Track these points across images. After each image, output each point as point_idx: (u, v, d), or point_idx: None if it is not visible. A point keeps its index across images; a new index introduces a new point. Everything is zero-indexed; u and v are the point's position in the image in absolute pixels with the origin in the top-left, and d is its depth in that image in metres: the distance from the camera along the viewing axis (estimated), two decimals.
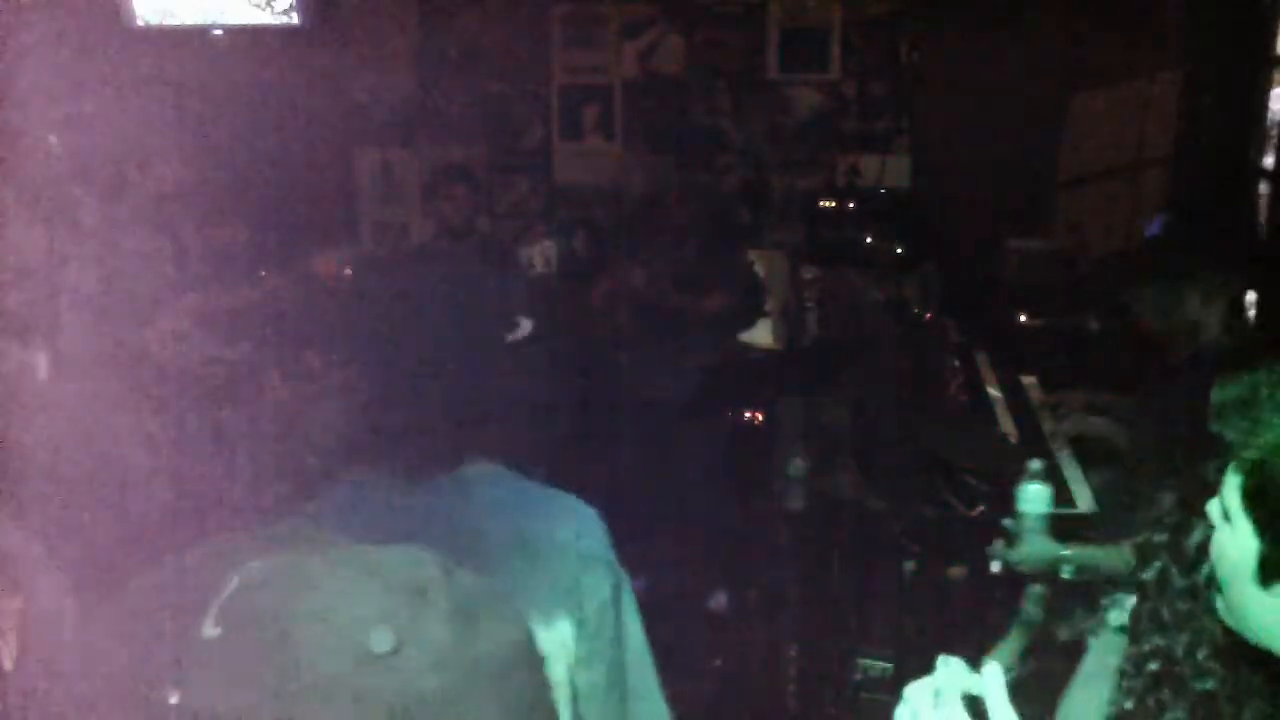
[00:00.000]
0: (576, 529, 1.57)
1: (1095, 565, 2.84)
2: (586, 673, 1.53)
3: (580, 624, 1.52)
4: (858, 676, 3.94)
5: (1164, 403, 3.66)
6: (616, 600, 1.58)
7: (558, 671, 1.48)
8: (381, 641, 0.78)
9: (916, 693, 1.14)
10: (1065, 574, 2.85)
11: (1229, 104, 4.82)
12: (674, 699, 1.68)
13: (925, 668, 1.18)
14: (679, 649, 4.20)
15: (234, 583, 0.82)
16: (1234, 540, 1.16)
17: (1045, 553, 2.86)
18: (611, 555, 1.60)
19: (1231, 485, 1.16)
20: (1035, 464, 2.84)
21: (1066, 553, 2.85)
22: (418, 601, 0.82)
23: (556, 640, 1.49)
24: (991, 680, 1.13)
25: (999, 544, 2.88)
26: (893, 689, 3.94)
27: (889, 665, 4.00)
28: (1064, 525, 3.60)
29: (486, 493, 1.57)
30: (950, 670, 1.14)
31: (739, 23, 5.77)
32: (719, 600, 4.78)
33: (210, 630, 0.79)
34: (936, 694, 1.13)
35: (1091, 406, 4.18)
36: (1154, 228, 3.11)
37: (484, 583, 0.92)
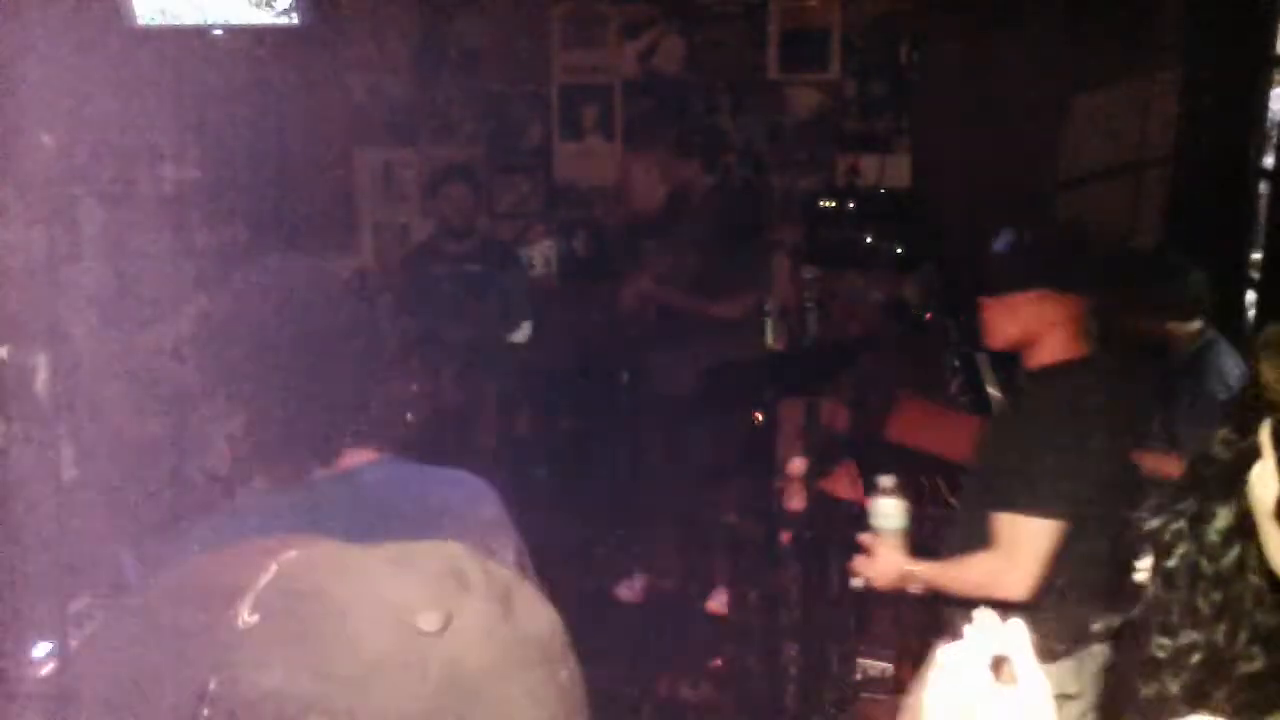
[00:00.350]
0: (470, 497, 1.62)
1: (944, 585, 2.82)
2: None
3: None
4: (858, 676, 3.94)
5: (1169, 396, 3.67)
6: (520, 564, 1.62)
7: None
8: (430, 621, 0.79)
9: (946, 655, 1.14)
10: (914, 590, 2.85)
11: (1229, 104, 4.81)
12: (674, 699, 1.69)
13: (925, 668, 1.18)
14: (679, 649, 4.21)
15: (272, 570, 0.83)
16: (1262, 479, 1.17)
17: (896, 570, 2.83)
18: (509, 519, 1.64)
19: (1266, 425, 1.17)
20: (886, 479, 2.83)
21: (917, 569, 2.84)
22: (458, 585, 0.83)
23: None
24: (1015, 637, 1.13)
25: (857, 560, 2.86)
26: (893, 689, 3.95)
27: (889, 665, 4.00)
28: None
29: (372, 479, 1.59)
30: (978, 628, 1.14)
31: (739, 23, 5.77)
32: (719, 599, 4.78)
33: (248, 618, 0.79)
34: (962, 658, 1.14)
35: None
36: (1000, 244, 3.11)
37: (513, 572, 0.93)
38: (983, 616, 1.15)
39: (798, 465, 3.87)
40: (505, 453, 5.04)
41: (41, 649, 2.77)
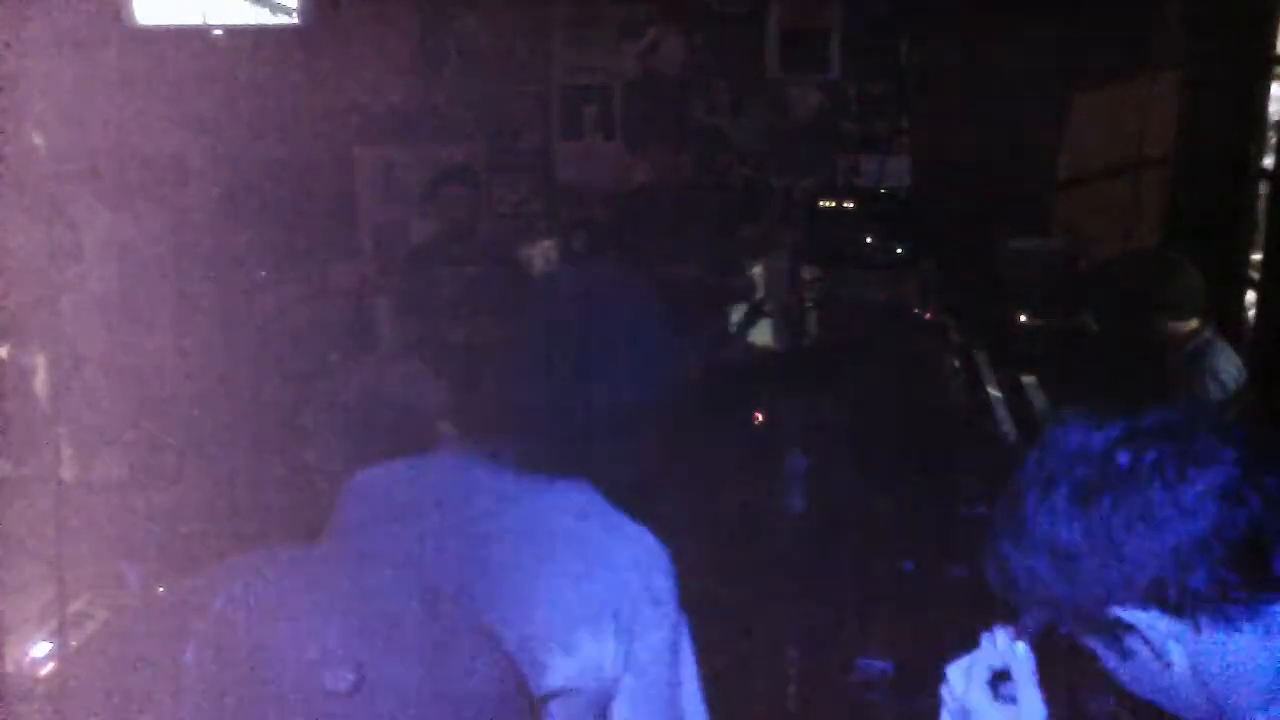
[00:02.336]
0: (645, 558, 1.54)
1: None
2: (631, 710, 1.50)
3: (629, 656, 1.48)
4: (858, 676, 3.94)
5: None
6: (674, 644, 1.55)
7: (581, 700, 1.46)
8: (338, 681, 0.76)
9: (953, 671, 1.15)
10: None
11: (1229, 104, 4.81)
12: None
13: (925, 667, 1.19)
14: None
15: (216, 607, 0.81)
16: None
17: None
18: (673, 596, 1.55)
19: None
20: None
21: None
22: (388, 636, 0.79)
23: (576, 666, 1.45)
24: (1019, 658, 1.14)
25: None
26: (893, 689, 3.95)
27: (889, 665, 4.00)
28: None
29: (568, 499, 1.55)
30: (986, 646, 1.15)
31: (739, 23, 5.77)
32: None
33: (188, 657, 0.78)
34: (968, 671, 1.14)
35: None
36: None
37: (469, 616, 0.90)
38: (997, 634, 1.16)
39: (797, 465, 3.87)
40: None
41: (41, 649, 2.78)
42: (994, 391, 4.29)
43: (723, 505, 4.64)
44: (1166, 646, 1.12)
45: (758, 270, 5.27)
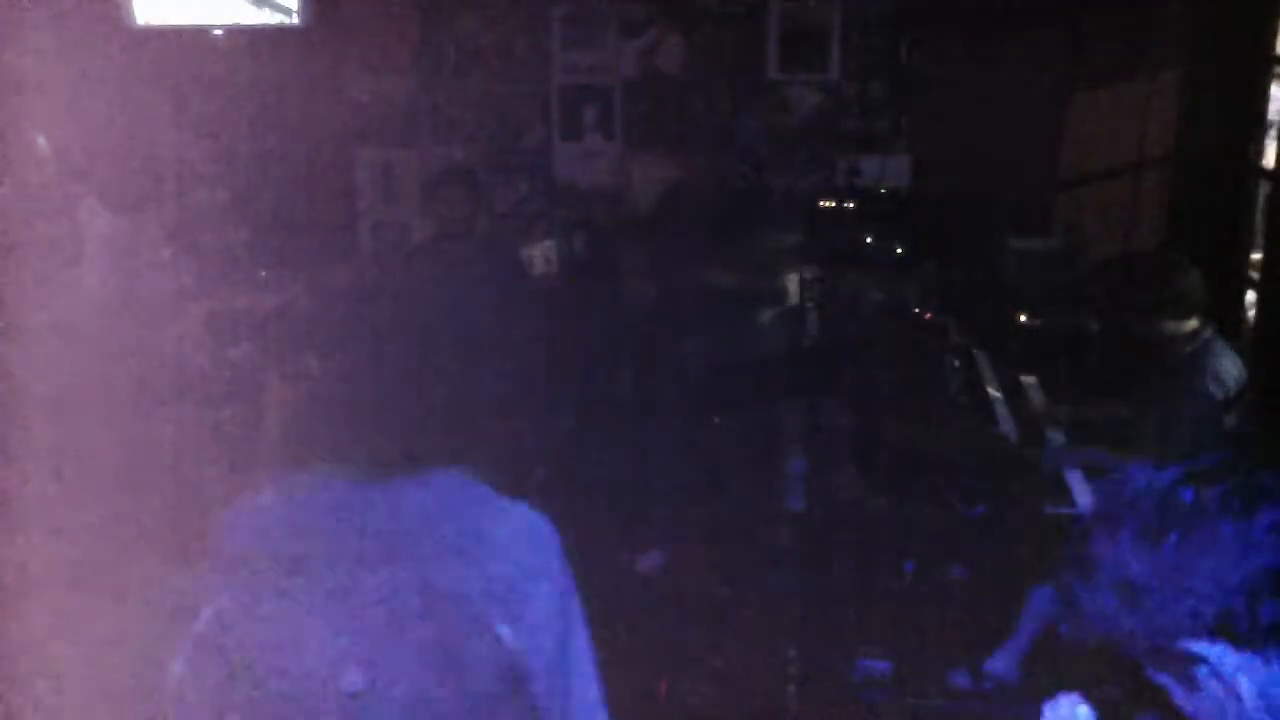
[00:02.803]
0: (521, 537, 1.58)
1: None
2: (534, 681, 1.53)
3: (523, 632, 1.52)
4: (858, 676, 3.94)
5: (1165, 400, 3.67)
6: (563, 610, 1.58)
7: (499, 670, 1.48)
8: (353, 683, 0.76)
9: None
10: None
11: (1229, 104, 4.81)
12: (675, 698, 1.70)
13: (925, 668, 1.20)
14: (678, 648, 4.21)
15: (205, 617, 0.80)
16: None
17: None
18: (560, 567, 1.60)
19: None
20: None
21: None
22: (394, 636, 0.79)
23: (493, 640, 1.48)
24: None
25: None
26: (893, 689, 3.95)
27: (889, 665, 4.00)
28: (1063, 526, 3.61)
29: (437, 494, 1.57)
30: (1047, 715, 1.15)
31: (739, 23, 5.77)
32: (651, 561, 4.81)
33: (180, 668, 0.78)
34: None
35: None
36: None
37: (466, 611, 0.90)
38: (1060, 701, 1.16)
39: (797, 465, 3.87)
40: (505, 453, 5.04)
41: (44, 649, 2.78)
42: (994, 391, 4.29)
43: (723, 505, 4.64)
44: (1236, 679, 1.13)
45: (792, 276, 5.26)
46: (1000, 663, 4.06)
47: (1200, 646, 1.14)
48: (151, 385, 3.62)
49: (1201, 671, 1.15)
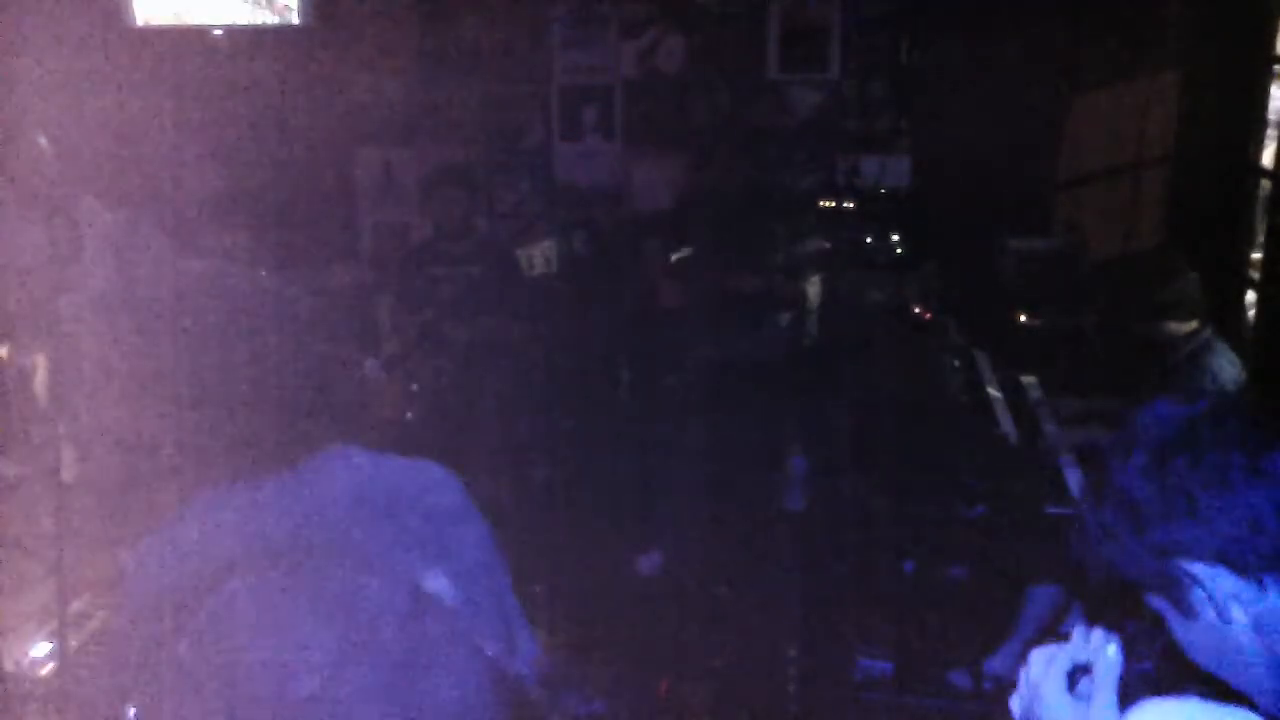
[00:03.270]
0: (431, 489, 1.60)
1: None
2: (472, 623, 1.55)
3: (455, 576, 1.54)
4: (858, 676, 3.94)
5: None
6: (487, 549, 1.62)
7: (440, 625, 1.50)
8: (304, 686, 0.77)
9: (1036, 655, 1.22)
10: None
11: (1229, 104, 4.81)
12: (675, 698, 1.70)
13: (925, 668, 1.21)
14: (678, 648, 4.21)
15: (210, 602, 0.82)
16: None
17: None
18: (473, 509, 1.63)
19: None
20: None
21: None
22: (365, 638, 0.80)
23: (432, 596, 1.51)
24: (1108, 660, 1.18)
25: None
26: (893, 689, 3.95)
27: (889, 665, 4.00)
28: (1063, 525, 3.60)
29: (338, 475, 1.58)
30: (1076, 640, 1.18)
31: (739, 23, 5.77)
32: (651, 561, 4.83)
33: (183, 649, 0.79)
34: (1051, 658, 1.20)
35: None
36: None
37: (399, 568, 0.91)
38: (1092, 632, 1.19)
39: (798, 465, 3.87)
40: (505, 453, 5.04)
41: (41, 649, 2.78)
42: (994, 391, 4.29)
43: (723, 505, 4.65)
44: (1228, 604, 1.16)
45: (814, 280, 5.27)
46: (1000, 663, 4.06)
47: (1198, 569, 1.17)
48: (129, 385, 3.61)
49: (1197, 596, 1.18)
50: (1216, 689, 1.22)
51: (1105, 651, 1.21)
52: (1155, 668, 1.29)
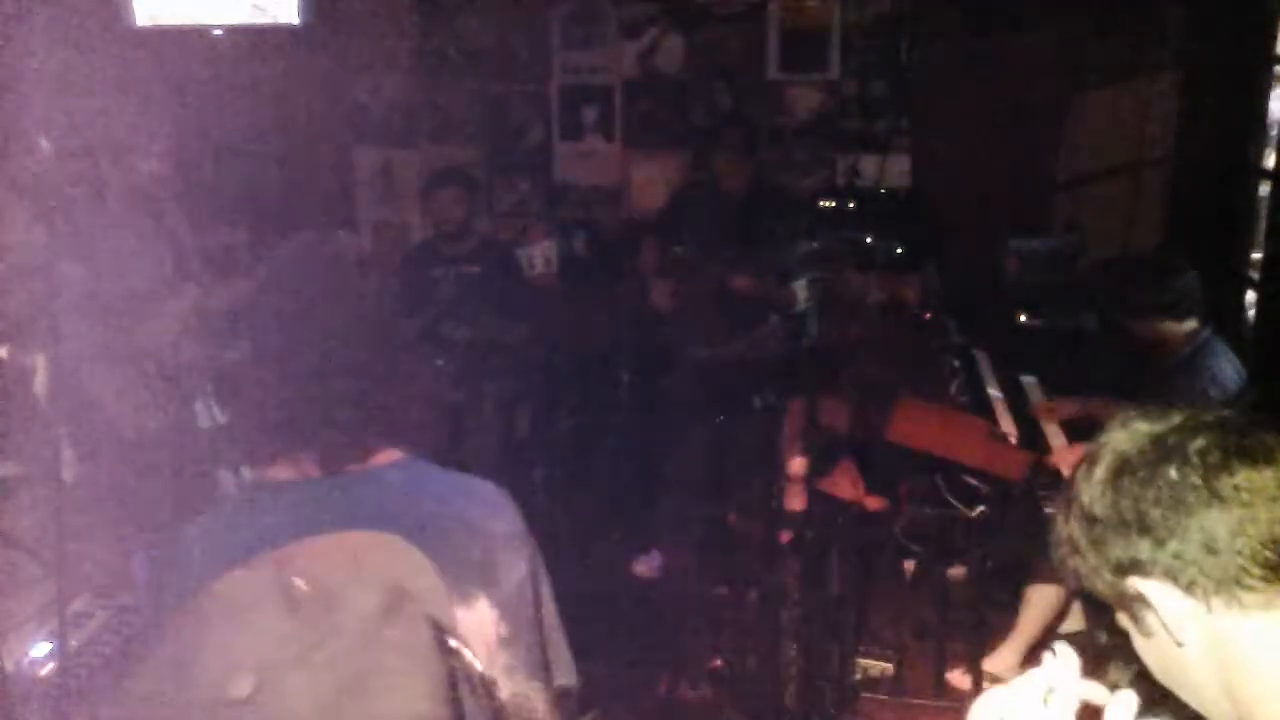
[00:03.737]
0: (488, 509, 1.58)
1: None
2: (510, 650, 1.54)
3: (500, 604, 1.53)
4: (858, 676, 3.94)
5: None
6: (534, 577, 1.60)
7: (479, 648, 1.49)
8: (240, 686, 0.76)
9: (1024, 683, 1.14)
10: None
11: (1229, 104, 4.81)
12: (674, 698, 1.69)
13: (925, 668, 1.19)
14: (679, 649, 4.21)
15: (192, 600, 0.81)
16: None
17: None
18: (524, 533, 1.61)
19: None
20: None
21: None
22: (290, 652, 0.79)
23: (475, 621, 1.49)
24: (1121, 705, 1.12)
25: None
26: (893, 689, 3.95)
27: (889, 665, 4.00)
28: None
29: (396, 480, 1.57)
30: (1065, 668, 1.15)
31: (739, 23, 5.77)
32: (650, 562, 4.84)
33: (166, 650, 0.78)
34: (1049, 691, 1.13)
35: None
36: None
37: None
38: (1064, 657, 1.16)
39: (798, 465, 3.86)
40: (505, 453, 5.04)
41: (41, 649, 2.78)
42: (994, 391, 4.29)
43: (722, 505, 4.64)
44: (1181, 625, 1.15)
45: (800, 283, 5.27)
46: (1000, 662, 4.06)
47: (1151, 588, 1.16)
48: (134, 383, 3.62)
49: (1150, 615, 1.17)
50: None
51: (1065, 666, 1.18)
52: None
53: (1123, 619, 1.23)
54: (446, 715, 0.84)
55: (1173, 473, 1.14)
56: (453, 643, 0.95)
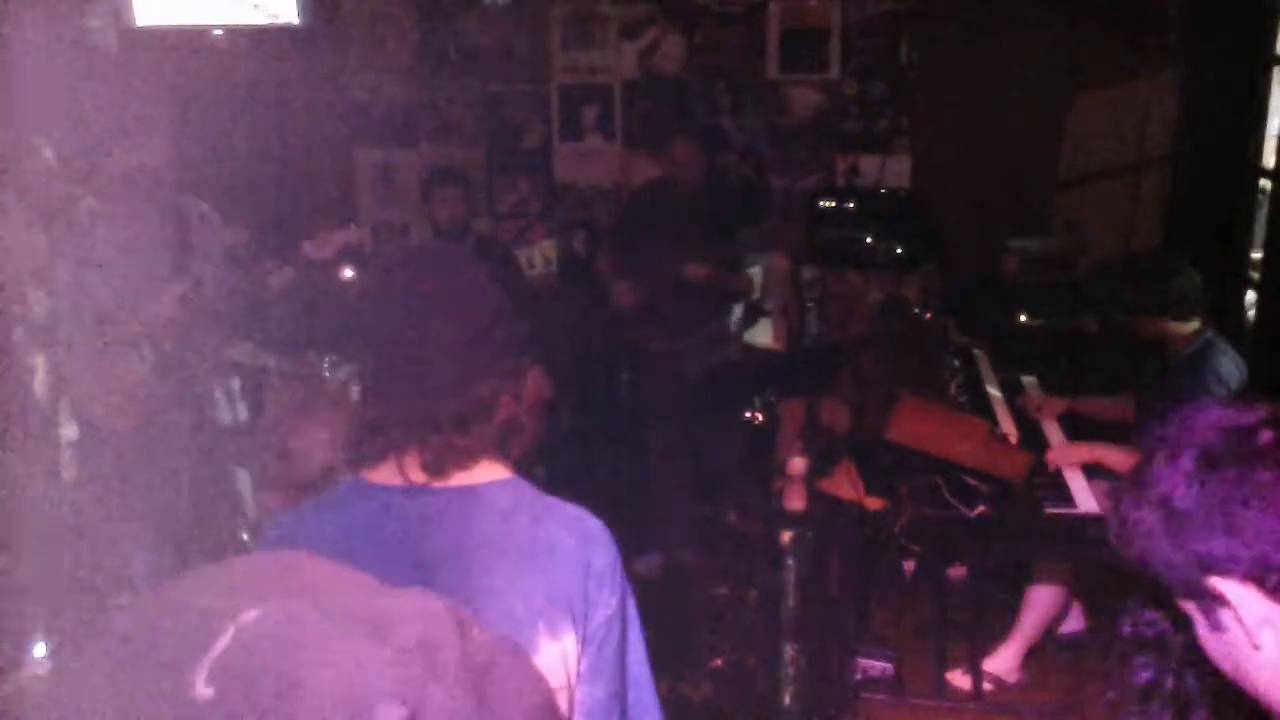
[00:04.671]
0: (584, 540, 1.54)
1: None
2: (590, 688, 1.51)
3: (585, 639, 1.50)
4: (858, 676, 3.94)
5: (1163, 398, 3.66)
6: (622, 615, 1.56)
7: (558, 680, 1.47)
8: (388, 717, 0.72)
9: None
10: None
11: (1229, 104, 4.81)
12: (675, 698, 1.69)
13: (925, 668, 1.18)
14: (678, 649, 4.21)
15: (229, 634, 0.76)
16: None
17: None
18: (619, 569, 1.56)
19: None
20: None
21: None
22: (426, 668, 0.76)
23: (558, 653, 1.47)
24: None
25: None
26: (893, 689, 3.95)
27: (889, 665, 4.00)
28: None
29: (494, 500, 1.53)
30: None
31: (739, 23, 5.77)
32: (650, 564, 4.84)
33: (203, 690, 0.73)
34: None
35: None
36: None
37: (502, 640, 0.85)
38: None
39: (798, 465, 3.86)
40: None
41: (41, 649, 2.78)
42: (994, 391, 4.29)
43: (723, 504, 4.64)
44: (1259, 628, 1.12)
45: (755, 270, 5.29)
46: (1000, 663, 4.06)
47: (1229, 587, 1.13)
48: (162, 390, 3.62)
49: (1226, 613, 1.15)
50: (1231, 696, 1.20)
51: None
52: (1173, 675, 1.26)
53: (1189, 609, 1.20)
54: None
55: (1266, 475, 1.11)
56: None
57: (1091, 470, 3.70)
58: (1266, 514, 1.11)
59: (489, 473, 1.55)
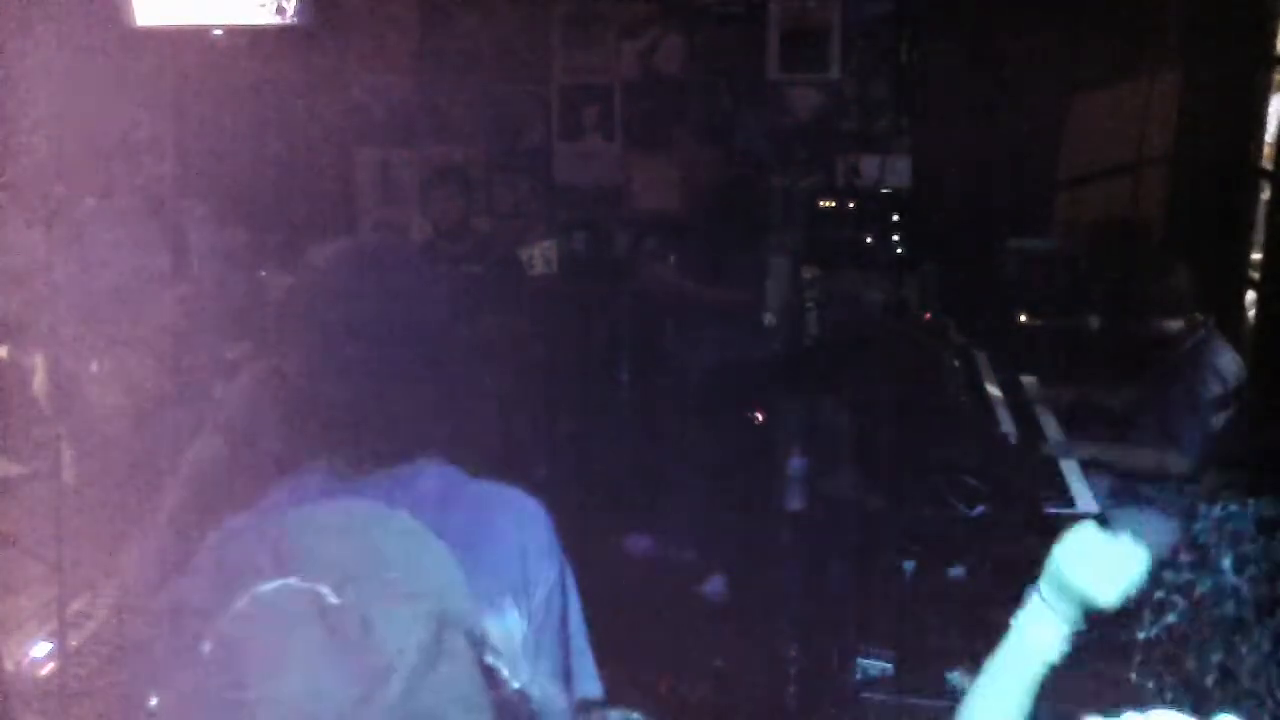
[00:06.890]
0: (519, 522, 1.57)
1: None
2: (534, 663, 1.54)
3: (529, 615, 1.53)
4: (858, 676, 3.94)
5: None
6: (561, 585, 1.59)
7: (507, 662, 1.48)
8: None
9: None
10: None
11: (1229, 104, 4.81)
12: (675, 698, 1.69)
13: (925, 668, 1.19)
14: (678, 649, 4.21)
15: (243, 601, 0.80)
16: None
17: None
18: (556, 546, 1.60)
19: None
20: None
21: None
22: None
23: (504, 635, 1.49)
24: None
25: None
26: (893, 689, 3.94)
27: (889, 665, 4.00)
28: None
29: (429, 487, 1.55)
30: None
31: (739, 23, 5.77)
32: (715, 587, 4.82)
33: (206, 647, 0.78)
34: None
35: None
36: None
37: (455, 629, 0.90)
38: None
39: (798, 465, 3.87)
40: (505, 452, 5.04)
41: (41, 649, 2.78)
42: (994, 391, 4.29)
43: (723, 504, 4.64)
44: None
45: (770, 281, 5.29)
46: None
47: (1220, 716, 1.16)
48: (145, 382, 3.62)
49: None
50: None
51: None
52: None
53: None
54: None
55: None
56: (489, 659, 0.95)
57: (1091, 469, 3.70)
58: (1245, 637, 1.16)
59: (422, 461, 1.57)
